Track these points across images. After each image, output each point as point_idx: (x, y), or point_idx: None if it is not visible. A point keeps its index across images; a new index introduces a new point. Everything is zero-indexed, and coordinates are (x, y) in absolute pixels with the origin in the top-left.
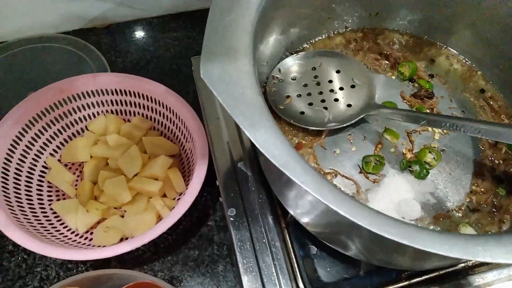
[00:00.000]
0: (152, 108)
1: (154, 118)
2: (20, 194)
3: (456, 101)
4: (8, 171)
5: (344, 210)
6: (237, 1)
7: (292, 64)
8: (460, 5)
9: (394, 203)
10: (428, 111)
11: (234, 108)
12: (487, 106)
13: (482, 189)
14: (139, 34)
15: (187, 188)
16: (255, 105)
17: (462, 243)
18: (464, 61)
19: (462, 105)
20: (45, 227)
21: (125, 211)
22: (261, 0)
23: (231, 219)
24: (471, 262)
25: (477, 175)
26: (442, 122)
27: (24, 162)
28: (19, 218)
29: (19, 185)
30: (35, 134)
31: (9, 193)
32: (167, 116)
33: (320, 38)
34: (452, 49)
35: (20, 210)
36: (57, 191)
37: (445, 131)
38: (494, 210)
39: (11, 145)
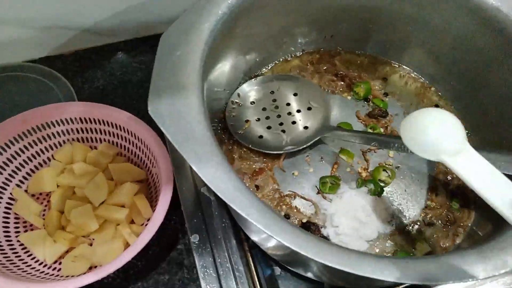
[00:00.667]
0: (118, 134)
1: (121, 144)
2: None
3: None
4: None
5: (288, 241)
6: (185, 37)
7: (251, 89)
8: (410, 25)
9: (352, 223)
10: (382, 129)
11: (182, 144)
12: None
13: (437, 204)
14: (106, 59)
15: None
16: (204, 141)
17: (400, 268)
18: (417, 78)
19: None
20: (11, 260)
21: (93, 239)
22: (210, 34)
23: (194, 245)
24: None
25: (432, 190)
26: (391, 143)
27: None
28: None
29: None
30: (0, 166)
31: None
32: (133, 142)
33: (278, 62)
34: (406, 67)
35: None
36: (24, 222)
37: None
38: (448, 224)
39: None
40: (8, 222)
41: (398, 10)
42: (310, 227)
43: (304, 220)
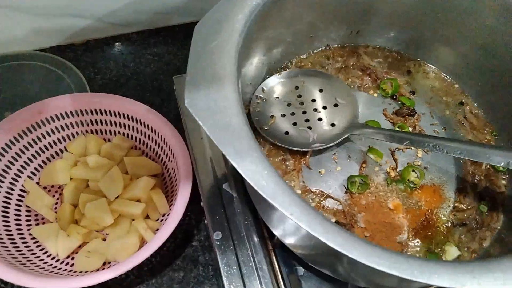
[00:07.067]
0: (133, 127)
1: (136, 137)
2: None
3: (437, 117)
4: None
5: (333, 242)
6: (220, 27)
7: (275, 84)
8: (440, 25)
9: (382, 222)
10: (410, 129)
11: (220, 138)
12: (466, 121)
13: (465, 206)
14: (119, 50)
15: (170, 209)
16: (242, 135)
17: (450, 271)
18: (444, 77)
19: (443, 121)
20: (24, 254)
21: (107, 234)
22: (244, 25)
23: (217, 243)
24: None
25: (460, 192)
26: (425, 143)
27: (0, 186)
28: None
29: None
30: (12, 157)
31: None
32: (148, 135)
33: (303, 56)
34: (432, 65)
35: None
36: (36, 215)
37: None
38: (476, 226)
39: None
40: (20, 215)
41: (430, 8)
42: None
43: (333, 220)
